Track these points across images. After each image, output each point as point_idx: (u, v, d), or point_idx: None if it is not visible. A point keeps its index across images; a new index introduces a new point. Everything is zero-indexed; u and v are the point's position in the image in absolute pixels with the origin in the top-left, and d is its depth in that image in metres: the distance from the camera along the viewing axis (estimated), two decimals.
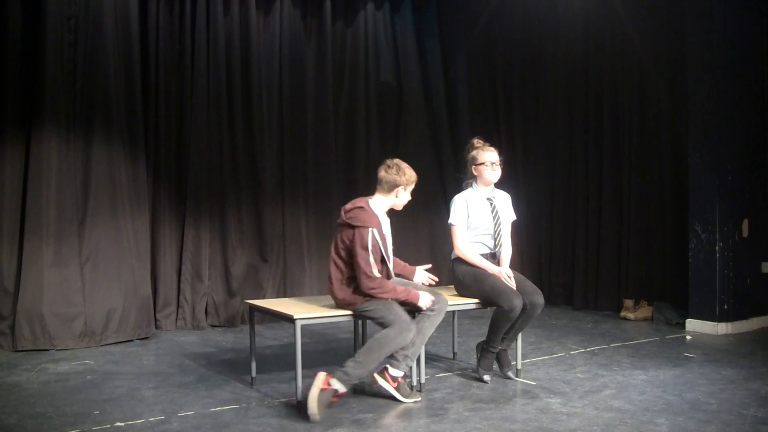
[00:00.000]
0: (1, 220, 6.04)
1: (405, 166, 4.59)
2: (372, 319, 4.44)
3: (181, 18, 7.03)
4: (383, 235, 4.49)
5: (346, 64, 8.01)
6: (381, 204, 4.58)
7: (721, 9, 6.50)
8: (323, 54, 7.80)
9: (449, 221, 5.05)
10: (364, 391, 4.60)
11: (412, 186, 4.62)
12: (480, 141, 5.17)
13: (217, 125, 7.14)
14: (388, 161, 4.61)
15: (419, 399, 4.49)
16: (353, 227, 4.39)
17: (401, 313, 4.37)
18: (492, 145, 5.17)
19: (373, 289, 4.34)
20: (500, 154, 5.11)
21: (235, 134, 7.26)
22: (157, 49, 6.91)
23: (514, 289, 4.75)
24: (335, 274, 4.49)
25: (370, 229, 4.36)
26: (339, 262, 4.48)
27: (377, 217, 4.49)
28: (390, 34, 8.30)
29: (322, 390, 4.11)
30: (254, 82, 7.34)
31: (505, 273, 4.85)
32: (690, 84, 6.74)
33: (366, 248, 4.33)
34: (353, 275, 4.42)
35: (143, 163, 6.66)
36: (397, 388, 4.45)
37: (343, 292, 4.47)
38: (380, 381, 4.46)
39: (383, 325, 4.36)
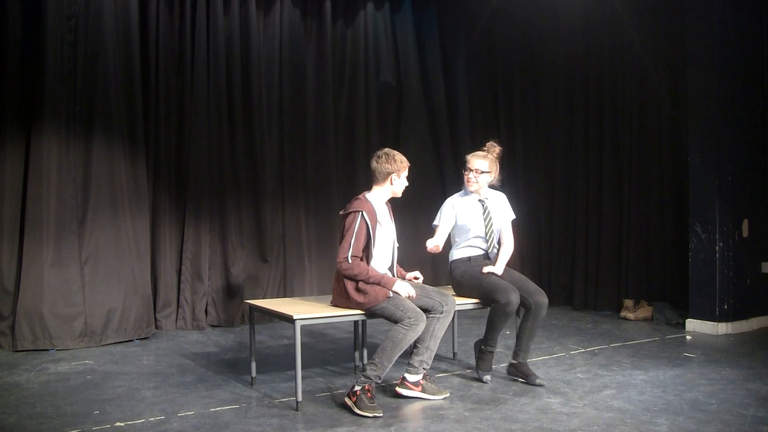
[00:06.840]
0: (1, 220, 6.04)
1: (394, 153, 4.60)
2: (384, 317, 4.42)
3: (181, 18, 7.03)
4: (376, 222, 4.49)
5: (346, 64, 8.00)
6: (379, 195, 4.60)
7: (721, 9, 6.51)
8: (323, 54, 7.79)
9: (433, 223, 5.08)
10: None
11: (406, 171, 4.62)
12: (491, 145, 5.03)
13: (217, 125, 7.13)
14: (378, 152, 4.63)
15: (448, 394, 4.54)
16: (346, 215, 4.47)
17: (409, 307, 4.35)
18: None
19: (346, 270, 4.36)
20: (500, 159, 5.06)
21: (235, 134, 7.26)
22: (157, 49, 6.90)
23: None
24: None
25: (360, 212, 4.41)
26: None
27: (370, 205, 4.50)
28: (390, 34, 8.30)
29: (354, 402, 4.20)
30: (254, 83, 7.34)
31: (492, 271, 4.86)
32: (690, 84, 6.75)
33: (350, 230, 4.37)
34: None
35: (143, 163, 6.65)
36: (422, 391, 4.48)
37: (353, 292, 4.43)
38: (404, 392, 4.48)
39: (394, 321, 4.36)
